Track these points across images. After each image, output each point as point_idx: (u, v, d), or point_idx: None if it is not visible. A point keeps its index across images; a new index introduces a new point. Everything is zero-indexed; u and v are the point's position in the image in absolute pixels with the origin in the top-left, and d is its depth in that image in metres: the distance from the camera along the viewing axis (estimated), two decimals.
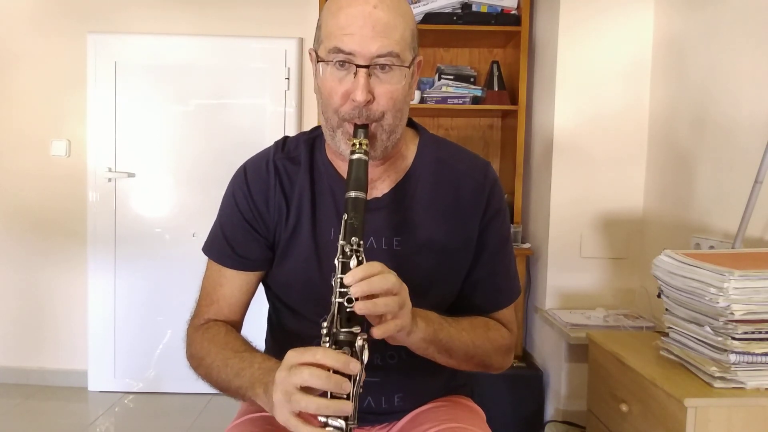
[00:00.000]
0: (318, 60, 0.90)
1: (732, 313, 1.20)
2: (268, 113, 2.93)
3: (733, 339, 1.22)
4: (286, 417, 0.74)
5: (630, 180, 2.26)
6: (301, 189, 0.99)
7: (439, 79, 2.68)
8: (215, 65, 2.91)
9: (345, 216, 0.81)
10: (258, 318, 1.13)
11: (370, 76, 0.86)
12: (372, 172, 0.95)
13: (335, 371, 0.72)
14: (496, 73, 2.64)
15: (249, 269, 1.02)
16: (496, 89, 2.62)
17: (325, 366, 0.72)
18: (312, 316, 0.98)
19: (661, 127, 2.15)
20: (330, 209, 0.98)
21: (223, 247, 1.01)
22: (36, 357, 3.04)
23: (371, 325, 0.78)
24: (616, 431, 1.55)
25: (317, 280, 0.96)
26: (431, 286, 0.98)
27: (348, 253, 0.78)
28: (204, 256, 1.05)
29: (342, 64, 0.86)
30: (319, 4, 2.61)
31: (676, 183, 2.03)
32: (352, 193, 0.82)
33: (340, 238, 0.80)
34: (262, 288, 1.08)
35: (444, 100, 2.60)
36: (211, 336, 0.97)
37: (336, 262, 0.79)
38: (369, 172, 0.87)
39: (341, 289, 0.77)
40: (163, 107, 2.93)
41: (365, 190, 0.83)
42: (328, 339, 0.76)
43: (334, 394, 0.73)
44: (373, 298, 0.75)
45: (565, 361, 2.17)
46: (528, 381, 2.33)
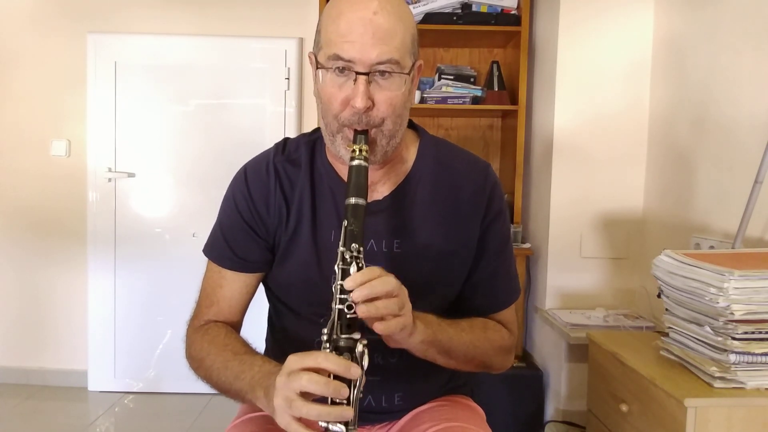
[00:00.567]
0: (318, 66, 0.90)
1: (732, 313, 1.20)
2: (268, 113, 2.93)
3: (733, 339, 1.22)
4: (287, 421, 0.74)
5: (630, 180, 2.26)
6: (301, 191, 0.99)
7: (439, 79, 2.68)
8: (215, 65, 2.91)
9: (345, 222, 0.81)
10: (258, 318, 1.14)
11: (369, 82, 0.86)
12: (372, 174, 0.95)
13: (335, 376, 0.73)
14: (496, 73, 2.64)
15: (249, 271, 1.02)
16: (496, 89, 2.62)
17: (326, 370, 0.73)
18: (312, 317, 0.98)
19: (661, 127, 2.15)
20: (330, 211, 0.98)
21: (223, 249, 1.01)
22: (36, 357, 3.04)
23: (371, 331, 0.78)
24: (616, 431, 1.55)
25: (317, 282, 0.96)
26: (431, 289, 0.98)
27: (348, 259, 0.79)
28: (204, 257, 1.06)
29: (342, 71, 0.86)
30: (319, 5, 2.60)
31: (676, 183, 2.02)
32: (352, 200, 0.82)
33: (340, 244, 0.80)
34: (262, 289, 1.08)
35: (444, 100, 2.60)
36: (211, 337, 0.97)
37: (336, 269, 0.79)
38: (369, 175, 0.87)
39: (341, 296, 0.77)
40: (163, 107, 2.93)
41: (365, 196, 0.83)
42: (328, 345, 0.76)
43: (334, 400, 0.73)
44: (373, 301, 0.76)
45: (565, 361, 2.17)
46: (528, 381, 2.33)
